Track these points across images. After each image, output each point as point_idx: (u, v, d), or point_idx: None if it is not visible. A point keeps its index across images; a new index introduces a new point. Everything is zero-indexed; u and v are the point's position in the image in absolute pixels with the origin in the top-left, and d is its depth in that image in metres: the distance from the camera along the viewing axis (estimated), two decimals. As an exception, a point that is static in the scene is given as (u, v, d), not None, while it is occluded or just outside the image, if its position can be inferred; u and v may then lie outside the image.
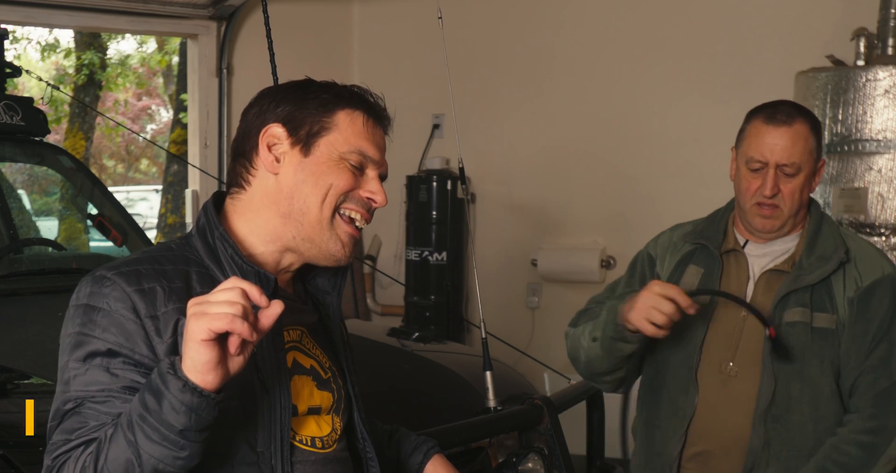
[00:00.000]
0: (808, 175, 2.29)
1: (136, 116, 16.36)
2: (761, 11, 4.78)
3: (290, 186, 1.59)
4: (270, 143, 1.61)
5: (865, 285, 2.26)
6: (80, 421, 1.41)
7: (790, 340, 2.24)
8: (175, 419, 1.31)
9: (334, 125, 1.61)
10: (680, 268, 2.42)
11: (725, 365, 2.31)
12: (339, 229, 1.61)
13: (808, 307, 2.26)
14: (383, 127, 1.67)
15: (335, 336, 1.72)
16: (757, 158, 2.28)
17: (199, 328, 1.28)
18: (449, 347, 3.87)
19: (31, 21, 5.67)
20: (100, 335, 1.45)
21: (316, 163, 1.60)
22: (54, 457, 1.41)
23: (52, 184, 11.49)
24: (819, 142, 2.32)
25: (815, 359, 2.25)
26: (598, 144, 5.30)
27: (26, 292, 3.18)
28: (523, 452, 2.66)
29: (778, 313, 2.26)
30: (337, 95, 1.64)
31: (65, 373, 1.46)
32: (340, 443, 1.67)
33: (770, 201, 2.28)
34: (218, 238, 1.58)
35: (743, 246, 2.38)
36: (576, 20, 5.42)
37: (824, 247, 2.30)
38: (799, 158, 2.26)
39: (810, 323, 2.25)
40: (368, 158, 1.62)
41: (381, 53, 6.19)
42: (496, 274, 5.51)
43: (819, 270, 2.27)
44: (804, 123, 2.28)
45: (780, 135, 2.26)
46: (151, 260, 1.54)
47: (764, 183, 2.27)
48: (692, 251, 2.42)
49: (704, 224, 2.45)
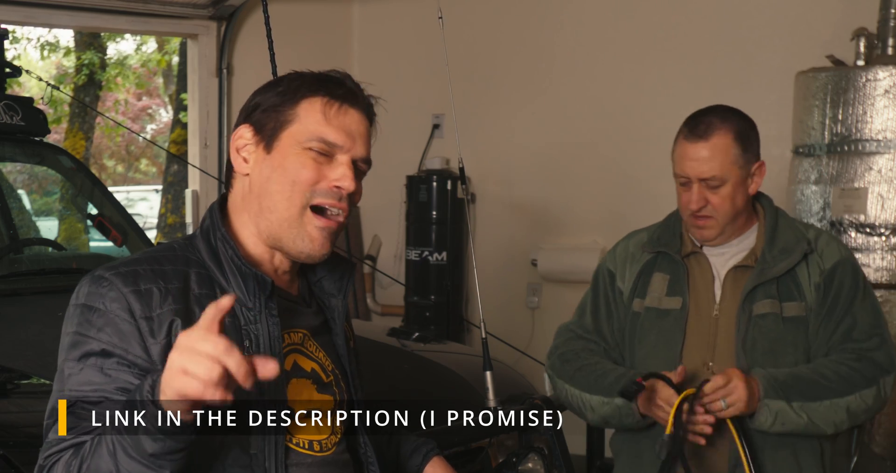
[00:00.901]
0: (737, 183, 2.30)
1: (136, 116, 16.36)
2: (761, 11, 4.78)
3: (258, 185, 1.59)
4: (239, 145, 1.60)
5: (828, 267, 2.32)
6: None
7: (759, 332, 2.28)
8: (149, 444, 1.30)
9: (296, 116, 1.58)
10: (644, 278, 2.44)
11: (705, 366, 2.32)
12: (308, 226, 1.57)
13: (775, 298, 2.30)
14: (358, 108, 1.61)
15: (339, 340, 1.72)
16: (680, 174, 2.34)
17: (172, 383, 1.25)
18: (449, 347, 3.87)
19: (31, 21, 5.67)
20: (95, 336, 1.46)
21: (279, 158, 1.57)
22: (46, 456, 1.42)
23: (52, 184, 11.49)
24: (748, 147, 2.32)
25: (789, 348, 2.29)
26: (599, 144, 5.30)
27: (26, 292, 3.18)
28: (523, 452, 2.66)
29: (747, 306, 2.29)
30: (299, 84, 1.60)
31: (61, 372, 1.47)
32: (340, 446, 1.66)
33: (701, 213, 2.32)
34: (219, 239, 1.58)
35: (701, 247, 2.42)
36: (576, 20, 5.42)
37: (785, 240, 2.34)
38: (719, 171, 2.28)
39: (780, 313, 2.29)
40: (333, 144, 1.57)
41: (381, 53, 6.19)
42: (496, 274, 5.51)
43: (784, 262, 2.31)
44: (725, 133, 2.29)
45: (696, 150, 2.29)
46: (151, 260, 1.54)
47: (690, 197, 2.31)
48: (653, 260, 2.45)
49: (660, 231, 2.48)
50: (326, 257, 1.61)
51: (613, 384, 2.33)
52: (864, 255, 3.79)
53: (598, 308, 2.51)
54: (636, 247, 2.51)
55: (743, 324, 2.29)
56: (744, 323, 2.29)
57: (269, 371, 1.27)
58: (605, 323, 2.49)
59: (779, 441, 2.27)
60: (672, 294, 2.38)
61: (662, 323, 2.37)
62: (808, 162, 3.95)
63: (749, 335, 2.28)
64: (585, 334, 2.50)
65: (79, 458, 1.37)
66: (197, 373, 1.23)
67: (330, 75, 1.62)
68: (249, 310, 1.55)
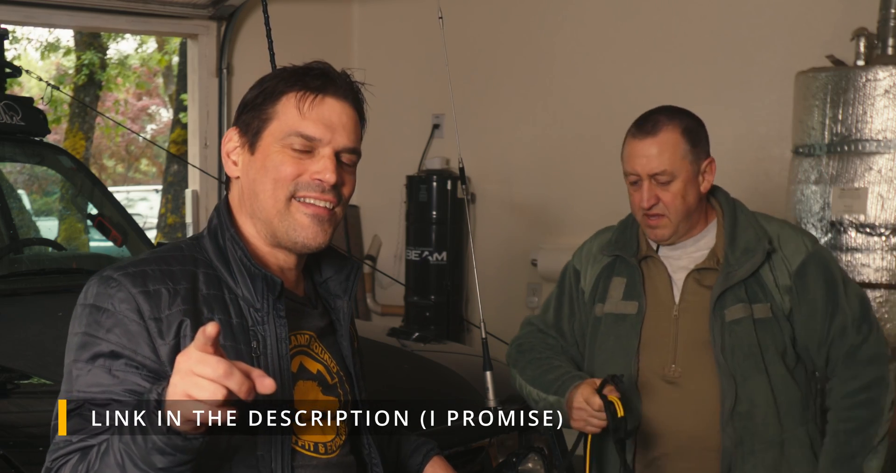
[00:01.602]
0: (688, 179, 2.30)
1: (136, 116, 16.36)
2: (761, 11, 4.78)
3: (248, 186, 1.59)
4: (228, 149, 1.61)
5: (795, 268, 2.30)
6: (80, 423, 1.41)
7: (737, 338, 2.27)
8: (158, 459, 1.30)
9: (275, 114, 1.57)
10: (604, 281, 2.45)
11: (668, 368, 2.32)
12: (296, 214, 1.56)
13: (746, 302, 2.28)
14: (338, 97, 1.58)
15: (344, 341, 1.71)
16: (630, 171, 2.36)
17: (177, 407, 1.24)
18: (449, 347, 3.86)
19: (31, 21, 5.67)
20: (104, 337, 1.45)
21: (261, 158, 1.57)
22: (54, 459, 1.42)
23: (52, 184, 11.48)
24: (697, 142, 2.32)
25: (769, 349, 2.28)
26: (599, 144, 5.29)
27: (26, 292, 3.18)
28: (523, 452, 2.66)
29: (718, 313, 2.28)
30: (278, 81, 1.58)
31: (69, 373, 1.47)
32: (344, 449, 1.66)
33: (652, 212, 2.31)
34: (228, 240, 1.58)
35: (657, 250, 2.41)
36: (576, 20, 5.42)
37: (746, 240, 2.32)
38: (669, 165, 2.28)
39: (752, 316, 2.28)
40: (311, 138, 1.55)
41: (381, 53, 6.19)
42: (496, 274, 5.51)
43: (748, 263, 2.29)
44: (672, 129, 2.30)
45: (645, 146, 2.31)
46: (159, 261, 1.54)
47: (641, 196, 2.32)
48: (612, 263, 2.46)
49: (618, 233, 2.50)
50: (323, 247, 1.60)
51: (553, 381, 2.35)
52: (864, 255, 3.79)
53: (562, 306, 2.53)
54: (598, 249, 2.52)
55: (718, 332, 2.27)
56: (718, 331, 2.27)
57: (267, 389, 1.25)
58: (566, 322, 2.51)
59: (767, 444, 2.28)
60: (628, 298, 2.38)
61: (619, 328, 2.38)
62: (808, 162, 3.95)
63: (727, 343, 2.27)
64: (546, 328, 2.53)
65: (85, 463, 1.36)
66: (201, 397, 1.22)
67: (308, 67, 1.59)
68: (257, 311, 1.54)
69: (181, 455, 1.30)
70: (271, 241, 1.60)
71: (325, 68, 1.59)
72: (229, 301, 1.54)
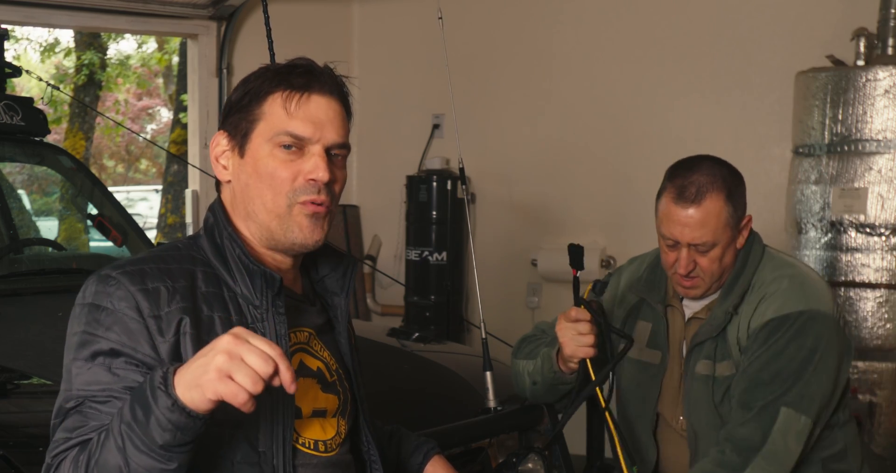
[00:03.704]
0: (727, 243, 2.22)
1: (136, 116, 16.35)
2: (761, 11, 4.78)
3: (241, 190, 1.58)
4: (217, 153, 1.60)
5: (756, 325, 2.20)
6: (80, 420, 1.42)
7: (699, 393, 2.23)
8: (159, 435, 1.30)
9: (262, 114, 1.55)
10: (630, 322, 2.41)
11: (676, 421, 2.31)
12: (297, 216, 1.56)
13: (711, 359, 2.24)
14: (323, 93, 1.56)
15: (342, 338, 1.72)
16: (667, 236, 2.23)
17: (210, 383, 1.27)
18: (449, 347, 3.86)
19: (31, 21, 5.67)
20: (103, 335, 1.45)
21: (251, 161, 1.56)
22: (54, 456, 1.42)
23: (52, 184, 11.47)
24: (737, 205, 2.23)
25: (725, 407, 2.21)
26: (599, 144, 5.30)
27: (26, 292, 3.18)
28: (523, 452, 2.65)
29: (692, 363, 2.26)
30: (262, 81, 1.57)
31: (68, 371, 1.47)
32: (344, 446, 1.66)
33: (688, 276, 2.24)
34: (226, 238, 1.58)
35: (681, 299, 2.37)
36: (575, 20, 5.42)
37: (734, 298, 2.25)
38: (711, 236, 2.18)
39: (713, 374, 2.23)
40: (300, 137, 1.54)
41: (381, 53, 6.19)
42: (496, 274, 5.50)
43: (718, 321, 2.23)
44: (716, 196, 2.18)
45: (688, 217, 2.18)
46: (157, 259, 1.54)
47: (678, 261, 2.22)
48: (637, 305, 2.42)
49: (649, 272, 2.42)
50: (319, 245, 1.60)
51: (544, 345, 2.33)
52: (864, 255, 3.79)
53: None
54: (626, 285, 2.45)
55: (687, 382, 2.27)
56: (687, 381, 2.27)
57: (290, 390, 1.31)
58: None
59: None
60: (652, 347, 2.36)
61: (641, 377, 2.36)
62: (808, 162, 3.95)
63: (692, 395, 2.26)
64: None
65: (86, 453, 1.37)
66: (242, 383, 1.26)
67: (291, 65, 1.59)
68: (256, 308, 1.55)
69: (181, 434, 1.30)
70: (268, 243, 1.60)
71: (308, 65, 1.58)
72: (228, 299, 1.54)
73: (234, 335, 1.28)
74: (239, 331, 1.30)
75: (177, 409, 1.28)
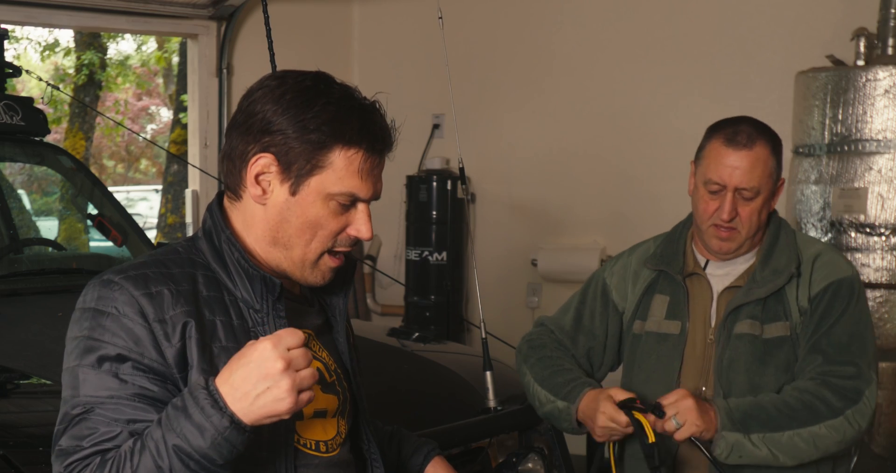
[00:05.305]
0: (767, 197, 2.26)
1: (136, 116, 16.36)
2: (761, 11, 4.78)
3: (275, 219, 1.55)
4: (258, 172, 1.53)
5: (816, 291, 2.25)
6: (89, 427, 1.40)
7: (736, 353, 2.24)
8: (218, 454, 1.34)
9: (329, 164, 1.51)
10: (647, 298, 2.40)
11: (699, 392, 2.29)
12: (323, 267, 1.58)
13: (757, 319, 2.24)
14: (385, 154, 1.59)
15: (340, 338, 1.71)
16: (715, 180, 2.25)
17: (284, 406, 1.35)
18: (449, 347, 3.87)
19: (31, 21, 5.67)
20: (109, 340, 1.44)
21: (302, 203, 1.53)
22: (67, 464, 1.40)
23: (52, 184, 11.47)
24: (779, 163, 2.28)
25: (769, 369, 2.23)
26: (599, 144, 5.30)
27: (26, 292, 3.18)
28: (523, 452, 2.66)
29: (728, 326, 2.26)
30: (338, 129, 1.51)
31: (73, 377, 1.45)
32: (344, 446, 1.66)
33: (728, 224, 2.25)
34: (225, 241, 1.57)
35: (704, 267, 2.36)
36: (576, 20, 5.43)
37: (778, 261, 2.28)
38: (758, 182, 2.22)
39: (760, 335, 2.24)
40: (361, 198, 1.55)
41: (381, 53, 6.19)
42: (496, 274, 5.51)
43: (770, 283, 2.25)
44: (765, 145, 2.23)
45: (740, 158, 2.22)
46: (158, 263, 1.53)
47: (722, 206, 2.24)
48: (655, 279, 2.40)
49: (664, 246, 2.43)
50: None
51: (563, 386, 2.32)
52: (864, 255, 3.79)
53: (581, 317, 2.49)
54: (639, 263, 2.45)
55: (722, 344, 2.26)
56: (723, 343, 2.26)
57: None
58: (581, 335, 2.47)
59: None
60: (671, 318, 2.35)
61: (661, 348, 2.34)
62: (808, 162, 3.95)
63: (726, 356, 2.25)
64: (560, 334, 2.49)
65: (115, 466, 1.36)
66: (308, 396, 1.37)
67: (371, 122, 1.55)
68: (257, 312, 1.54)
69: (237, 449, 1.36)
70: (278, 267, 1.59)
71: (387, 127, 1.59)
72: (229, 303, 1.54)
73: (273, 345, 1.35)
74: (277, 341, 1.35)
75: (234, 426, 1.34)
